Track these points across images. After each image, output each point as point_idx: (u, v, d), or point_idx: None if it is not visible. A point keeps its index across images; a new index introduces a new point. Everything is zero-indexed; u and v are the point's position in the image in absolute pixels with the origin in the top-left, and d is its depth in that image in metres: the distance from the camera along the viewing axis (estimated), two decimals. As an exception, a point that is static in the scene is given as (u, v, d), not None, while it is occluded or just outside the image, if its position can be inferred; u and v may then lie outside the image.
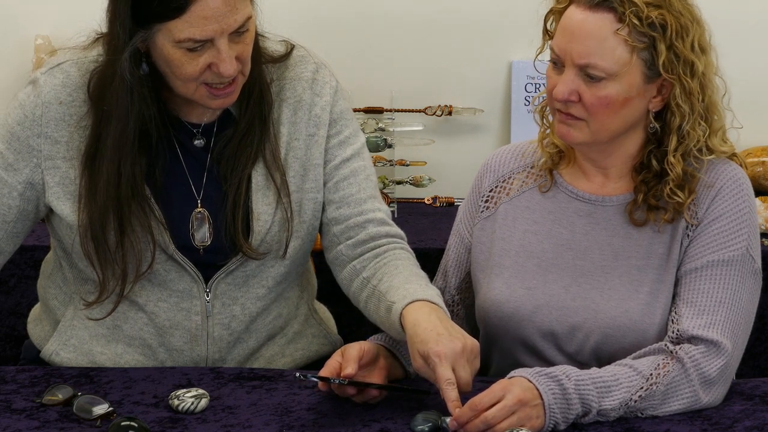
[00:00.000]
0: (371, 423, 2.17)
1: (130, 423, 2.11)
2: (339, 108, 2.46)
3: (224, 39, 2.24)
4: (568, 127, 2.30)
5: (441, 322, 2.19)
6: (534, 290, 2.37)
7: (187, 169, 2.41)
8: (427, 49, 3.60)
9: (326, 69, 2.48)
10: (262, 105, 2.39)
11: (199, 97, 2.32)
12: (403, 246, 2.46)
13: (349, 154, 2.46)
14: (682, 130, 2.29)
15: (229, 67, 2.25)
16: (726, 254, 2.30)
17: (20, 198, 2.38)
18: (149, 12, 2.22)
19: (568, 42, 2.26)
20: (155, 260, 2.36)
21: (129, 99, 2.29)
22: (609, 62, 2.24)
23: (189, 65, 2.26)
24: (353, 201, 2.45)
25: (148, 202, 2.35)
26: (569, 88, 2.27)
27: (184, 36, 2.22)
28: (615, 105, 2.27)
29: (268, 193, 2.40)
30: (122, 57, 2.26)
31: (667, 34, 2.24)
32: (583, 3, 2.26)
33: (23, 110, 2.37)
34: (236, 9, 2.23)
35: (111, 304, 2.40)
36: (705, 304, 2.27)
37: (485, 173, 2.51)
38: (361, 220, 2.44)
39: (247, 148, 2.38)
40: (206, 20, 2.21)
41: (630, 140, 2.34)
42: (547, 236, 2.40)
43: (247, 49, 2.29)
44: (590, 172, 2.40)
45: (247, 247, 2.38)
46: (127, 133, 2.30)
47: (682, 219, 2.33)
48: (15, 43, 3.59)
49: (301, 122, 2.43)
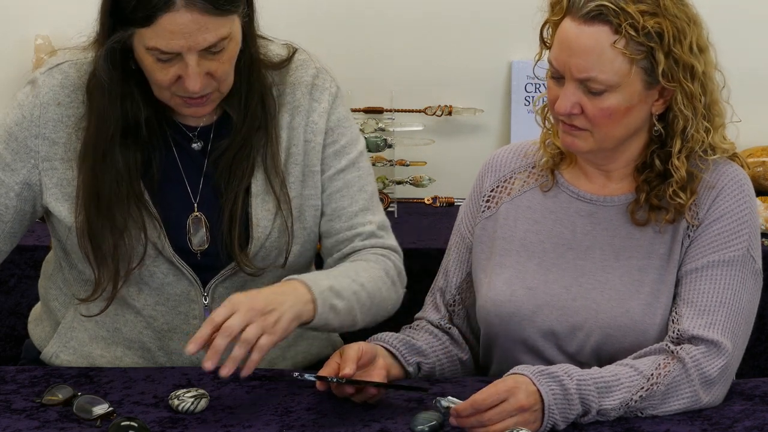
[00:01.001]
0: (371, 423, 2.17)
1: (130, 423, 2.11)
2: (337, 115, 2.45)
3: (192, 55, 2.22)
4: (573, 137, 2.30)
5: (267, 289, 2.22)
6: (535, 290, 2.37)
7: (184, 171, 2.40)
8: (427, 48, 3.60)
9: (327, 74, 2.46)
10: (263, 112, 2.38)
11: (174, 105, 2.31)
12: (380, 252, 2.43)
13: (344, 165, 2.44)
14: (686, 133, 2.29)
15: (194, 84, 2.23)
16: (727, 254, 2.29)
17: (17, 198, 2.38)
18: (124, 15, 2.22)
19: (566, 56, 2.25)
20: (147, 256, 2.35)
21: (107, 97, 2.29)
22: (608, 75, 2.23)
23: (160, 73, 2.25)
24: (344, 215, 2.44)
25: (143, 201, 2.34)
26: (571, 101, 2.26)
27: (152, 44, 2.21)
28: (618, 115, 2.26)
29: (267, 200, 2.39)
30: (97, 55, 2.27)
31: (664, 41, 2.22)
32: (578, 16, 2.24)
33: (21, 110, 2.37)
34: (206, 29, 2.20)
35: (104, 302, 2.40)
36: (705, 305, 2.27)
37: (486, 173, 2.50)
38: (350, 235, 2.43)
39: (243, 161, 2.37)
40: (173, 34, 2.19)
41: (633, 143, 2.34)
42: (549, 236, 2.40)
43: (223, 67, 2.26)
44: (592, 173, 2.40)
45: (244, 262, 2.37)
46: (106, 131, 2.29)
47: (683, 219, 2.33)
48: (15, 43, 3.58)
49: (299, 128, 2.42)
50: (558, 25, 2.28)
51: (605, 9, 2.21)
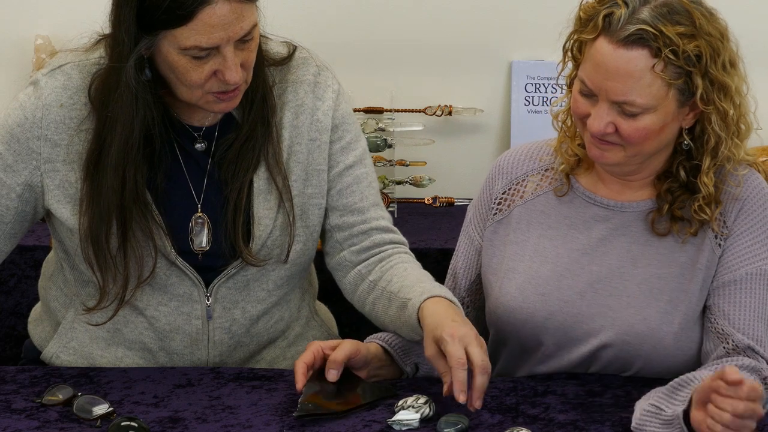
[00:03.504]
0: (371, 423, 2.17)
1: (130, 423, 2.12)
2: (341, 112, 2.45)
3: (230, 46, 2.22)
4: (602, 151, 2.27)
5: (457, 314, 2.22)
6: (548, 296, 2.35)
7: (188, 173, 2.40)
8: (427, 49, 3.60)
9: (328, 71, 2.46)
10: (264, 108, 2.38)
11: (204, 103, 2.30)
12: (406, 251, 2.47)
13: (352, 161, 2.45)
14: (718, 152, 2.27)
15: (234, 75, 2.24)
16: (762, 266, 2.30)
17: (18, 199, 2.38)
18: (155, 19, 2.20)
19: (603, 79, 2.21)
20: (157, 266, 2.36)
21: (134, 106, 2.27)
22: (646, 98, 2.20)
23: (194, 72, 2.24)
24: (357, 209, 2.45)
25: (149, 208, 2.34)
26: (605, 121, 2.23)
27: (190, 43, 2.21)
28: (653, 134, 2.24)
29: (269, 198, 2.39)
30: (127, 64, 2.24)
31: (702, 63, 2.19)
32: (616, 38, 2.19)
33: (24, 112, 2.36)
34: (243, 17, 2.21)
35: (111, 311, 2.39)
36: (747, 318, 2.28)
37: (497, 176, 2.48)
38: (366, 228, 2.44)
39: (249, 152, 2.37)
40: (213, 28, 2.20)
41: (660, 155, 2.32)
42: (563, 241, 2.38)
43: (251, 56, 2.28)
44: (609, 179, 2.38)
45: (247, 253, 2.37)
46: (132, 140, 2.29)
47: (708, 229, 2.31)
48: (15, 43, 3.58)
49: (303, 126, 2.42)
50: (590, 43, 2.24)
51: (645, 33, 2.17)
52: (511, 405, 2.24)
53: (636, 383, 2.32)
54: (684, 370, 2.29)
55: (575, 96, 2.28)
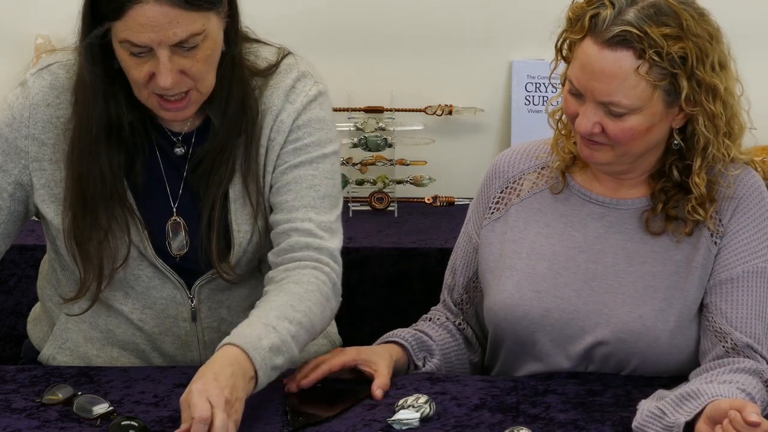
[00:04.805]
0: (371, 423, 2.17)
1: (130, 423, 2.11)
2: (308, 116, 2.38)
3: (164, 50, 2.19)
4: (592, 150, 2.28)
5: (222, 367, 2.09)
6: (544, 293, 2.36)
7: (166, 176, 2.38)
8: (427, 48, 3.60)
9: (310, 78, 2.40)
10: (243, 118, 2.34)
11: (152, 106, 2.29)
12: (314, 265, 2.33)
13: (299, 162, 2.37)
14: (708, 152, 2.27)
15: (165, 79, 2.21)
16: (758, 265, 2.30)
17: (10, 199, 2.38)
18: (100, 10, 2.21)
19: (588, 79, 2.22)
20: (130, 257, 2.35)
21: (91, 96, 2.28)
22: (631, 99, 2.20)
23: (135, 69, 2.23)
24: (286, 208, 2.36)
25: (126, 202, 2.33)
26: (592, 121, 2.24)
27: (123, 37, 2.20)
28: (639, 134, 2.24)
29: (245, 205, 2.36)
30: (81, 54, 2.26)
31: (687, 65, 2.19)
32: (601, 39, 2.20)
33: (12, 111, 2.37)
34: (176, 23, 2.18)
35: (88, 302, 2.39)
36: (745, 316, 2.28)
37: (494, 177, 2.48)
38: (287, 228, 2.35)
39: (222, 165, 2.34)
40: (142, 27, 2.18)
41: (652, 154, 2.32)
42: (560, 239, 2.39)
43: (197, 66, 2.23)
44: (604, 177, 2.38)
45: (223, 269, 2.35)
46: (89, 130, 2.29)
47: (704, 227, 2.32)
48: (15, 43, 3.58)
49: (266, 128, 2.37)
50: (578, 43, 2.25)
51: (629, 35, 2.17)
52: (512, 404, 2.24)
53: (637, 382, 2.32)
54: (680, 369, 2.30)
55: (565, 95, 2.29)
